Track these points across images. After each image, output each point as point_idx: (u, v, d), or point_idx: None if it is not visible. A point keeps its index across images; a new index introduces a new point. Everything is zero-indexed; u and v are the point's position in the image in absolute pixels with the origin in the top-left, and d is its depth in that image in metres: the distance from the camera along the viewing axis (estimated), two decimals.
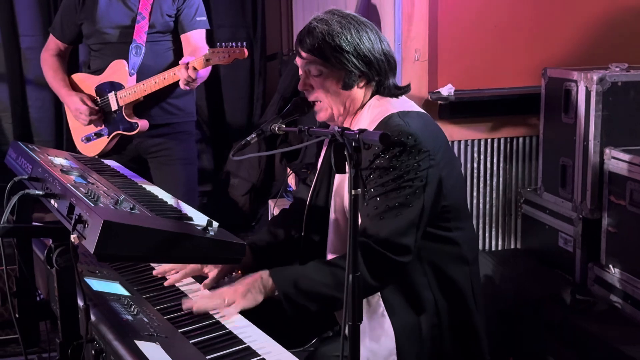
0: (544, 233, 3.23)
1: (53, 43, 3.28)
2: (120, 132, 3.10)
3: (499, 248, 3.56)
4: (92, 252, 1.40)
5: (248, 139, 1.93)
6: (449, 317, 1.96)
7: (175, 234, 1.51)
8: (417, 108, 2.02)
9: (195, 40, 3.19)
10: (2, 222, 1.62)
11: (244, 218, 4.91)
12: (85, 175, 1.87)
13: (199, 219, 1.67)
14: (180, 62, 3.00)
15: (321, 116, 2.01)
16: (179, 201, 1.86)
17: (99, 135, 3.12)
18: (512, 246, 3.57)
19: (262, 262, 2.10)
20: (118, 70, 3.09)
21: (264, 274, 1.84)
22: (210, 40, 5.08)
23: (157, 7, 3.10)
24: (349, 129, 1.57)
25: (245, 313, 1.77)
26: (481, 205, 3.49)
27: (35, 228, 1.75)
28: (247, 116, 5.26)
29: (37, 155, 1.96)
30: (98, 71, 3.15)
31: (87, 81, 3.17)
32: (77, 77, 3.23)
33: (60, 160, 2.01)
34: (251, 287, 1.81)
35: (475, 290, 2.04)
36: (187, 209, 1.77)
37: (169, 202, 1.84)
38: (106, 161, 2.40)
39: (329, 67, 1.92)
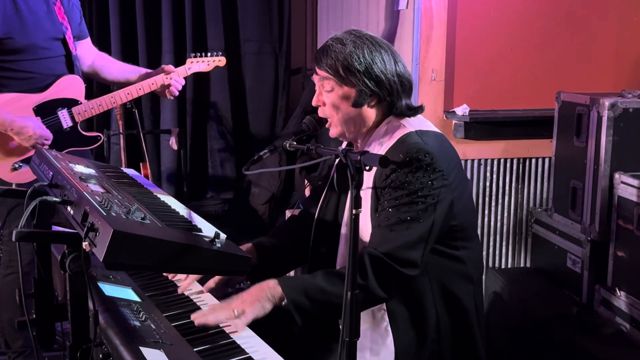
0: (553, 253, 3.19)
1: None
2: (76, 148, 2.89)
3: (509, 266, 3.53)
4: (100, 260, 1.41)
5: (261, 154, 1.95)
6: (450, 334, 1.95)
7: (182, 245, 1.51)
8: (433, 128, 2.02)
9: (91, 45, 3.13)
10: (20, 227, 1.64)
11: (263, 226, 4.92)
12: (103, 183, 1.88)
13: (208, 230, 1.67)
14: (158, 70, 3.06)
15: (332, 132, 2.02)
16: (191, 212, 1.87)
17: None
18: (522, 264, 3.53)
19: (267, 263, 2.11)
20: (70, 85, 2.87)
21: (271, 282, 1.81)
22: (238, 54, 5.16)
23: (71, 15, 2.94)
24: (352, 150, 1.57)
25: (249, 324, 1.77)
26: (492, 224, 3.46)
27: (50, 233, 1.77)
28: (270, 128, 5.29)
29: (58, 162, 1.98)
30: (33, 89, 2.83)
31: (22, 101, 2.80)
32: (5, 97, 2.79)
33: (80, 168, 2.02)
34: (259, 297, 1.79)
35: (479, 308, 2.03)
36: (197, 220, 1.78)
37: (181, 213, 1.85)
38: (125, 170, 2.42)
39: (341, 84, 1.93)
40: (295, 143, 1.89)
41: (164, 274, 2.09)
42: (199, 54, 3.19)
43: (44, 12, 2.85)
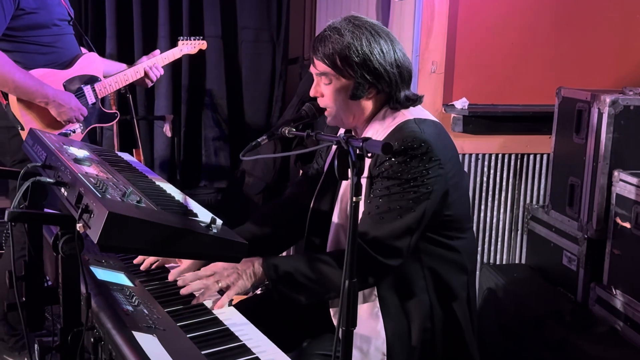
0: (549, 250, 3.20)
1: None
2: (97, 125, 3.09)
3: (504, 262, 3.54)
4: (95, 242, 1.40)
5: (259, 140, 1.93)
6: (442, 323, 1.95)
7: (178, 230, 1.50)
8: (432, 117, 2.02)
9: None
10: (12, 207, 1.63)
11: None
12: (97, 166, 1.87)
13: (204, 215, 1.66)
14: (152, 55, 3.30)
15: (330, 121, 2.01)
16: (187, 197, 1.86)
17: (73, 132, 3.01)
18: (517, 261, 3.54)
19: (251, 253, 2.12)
20: (91, 63, 3.06)
21: (257, 261, 1.87)
22: (235, 42, 5.13)
23: (68, 3, 3.08)
24: (353, 137, 1.57)
25: (243, 312, 1.77)
26: (488, 219, 3.47)
27: (43, 215, 1.75)
28: (265, 117, 5.27)
29: (52, 144, 1.96)
30: (55, 64, 2.96)
31: (52, 77, 2.92)
32: (37, 72, 2.88)
33: (74, 149, 2.01)
34: (243, 275, 1.85)
35: (472, 300, 2.03)
36: (193, 205, 1.77)
37: (176, 198, 1.84)
38: (120, 153, 2.41)
39: (339, 76, 1.91)
40: (294, 130, 1.88)
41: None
42: (186, 38, 3.60)
43: None
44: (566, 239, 3.06)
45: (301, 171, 4.37)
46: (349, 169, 1.51)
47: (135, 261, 2.06)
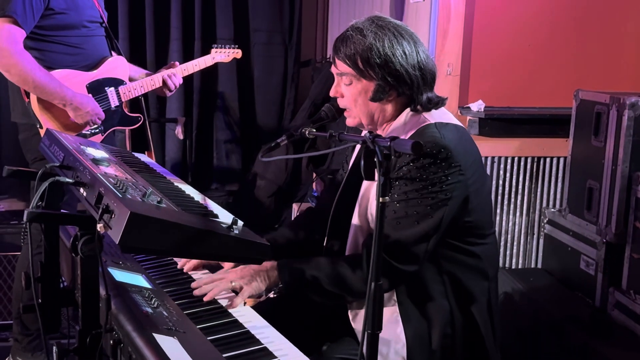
0: (566, 255, 3.16)
1: (19, 34, 2.74)
2: (118, 127, 3.08)
3: (520, 266, 3.50)
4: (116, 242, 1.37)
5: (278, 141, 1.91)
6: (462, 329, 1.92)
7: (199, 230, 1.48)
8: (455, 121, 1.97)
9: None
10: (30, 208, 1.61)
11: (268, 219, 4.90)
12: (116, 166, 1.85)
13: (225, 216, 1.64)
14: (171, 66, 3.26)
15: (350, 122, 1.99)
16: (206, 198, 1.84)
17: (93, 133, 3.00)
18: (533, 265, 3.51)
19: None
20: (118, 66, 3.05)
21: (272, 264, 1.87)
22: (247, 44, 5.13)
23: (101, 5, 3.08)
24: (379, 136, 1.54)
25: (262, 314, 1.74)
26: (504, 223, 3.44)
27: (62, 215, 1.73)
28: (277, 120, 5.26)
29: (69, 144, 1.94)
30: (80, 66, 2.96)
31: (76, 78, 2.92)
32: (60, 73, 2.87)
33: (91, 150, 1.99)
34: (257, 275, 1.85)
35: (493, 306, 1.99)
36: (213, 206, 1.75)
37: (196, 198, 1.82)
38: (137, 154, 2.39)
39: (359, 77, 1.89)
40: (314, 130, 1.86)
41: (175, 261, 2.06)
42: (220, 45, 3.52)
43: None
44: (584, 243, 3.03)
45: (314, 174, 4.35)
46: (375, 169, 1.48)
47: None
